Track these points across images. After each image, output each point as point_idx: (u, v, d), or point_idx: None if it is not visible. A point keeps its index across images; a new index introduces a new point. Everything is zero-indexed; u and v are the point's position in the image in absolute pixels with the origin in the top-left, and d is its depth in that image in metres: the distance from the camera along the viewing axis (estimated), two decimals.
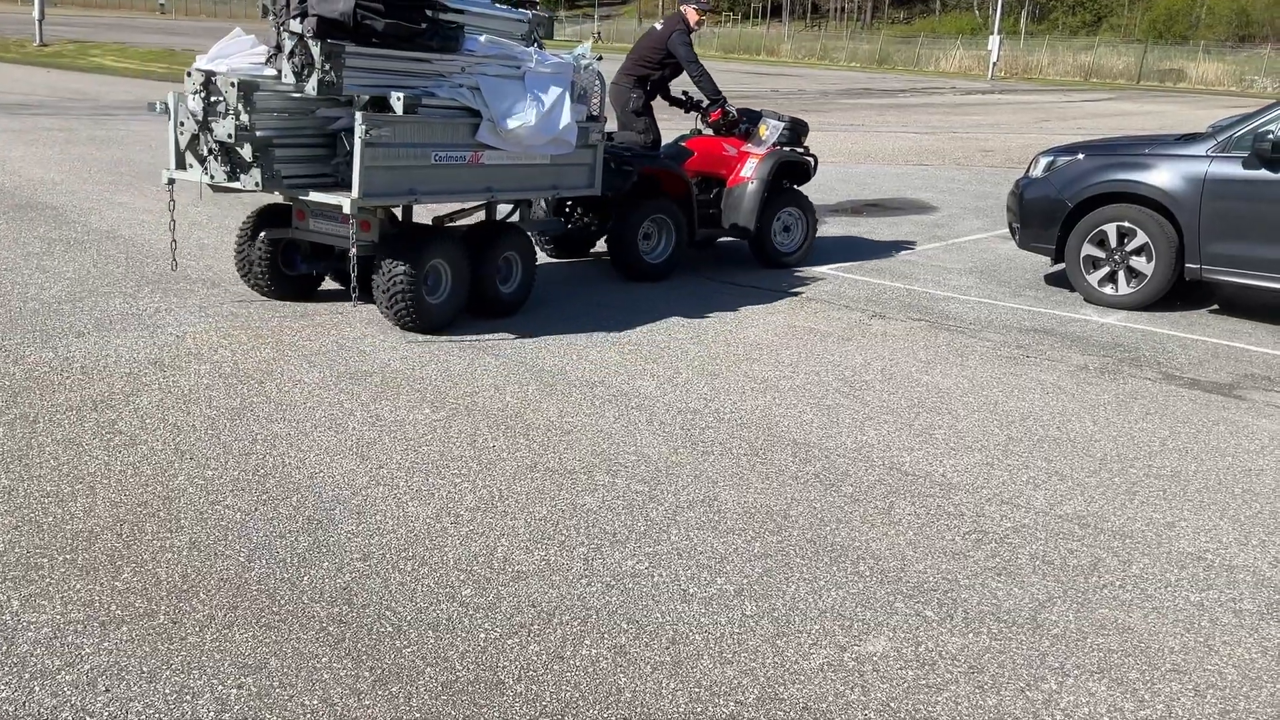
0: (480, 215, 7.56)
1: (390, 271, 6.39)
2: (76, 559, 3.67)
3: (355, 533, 3.98)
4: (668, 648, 3.34)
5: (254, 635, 3.28)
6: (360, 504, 4.22)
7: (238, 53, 6.30)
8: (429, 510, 4.20)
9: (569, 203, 8.37)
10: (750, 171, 8.75)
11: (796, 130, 9.04)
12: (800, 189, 9.21)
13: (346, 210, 6.05)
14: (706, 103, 9.03)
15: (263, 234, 6.95)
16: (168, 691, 2.98)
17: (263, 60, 6.20)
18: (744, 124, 8.97)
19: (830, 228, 11.20)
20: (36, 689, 2.97)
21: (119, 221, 9.49)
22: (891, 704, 3.10)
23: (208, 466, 4.48)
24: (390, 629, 3.36)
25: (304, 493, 4.28)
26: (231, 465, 4.50)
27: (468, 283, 6.78)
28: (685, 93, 9.30)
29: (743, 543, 4.06)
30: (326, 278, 7.25)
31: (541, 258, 8.15)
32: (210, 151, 6.19)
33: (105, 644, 3.19)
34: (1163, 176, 7.87)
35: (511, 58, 6.73)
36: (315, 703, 2.97)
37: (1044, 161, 8.70)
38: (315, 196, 6.27)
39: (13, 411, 4.95)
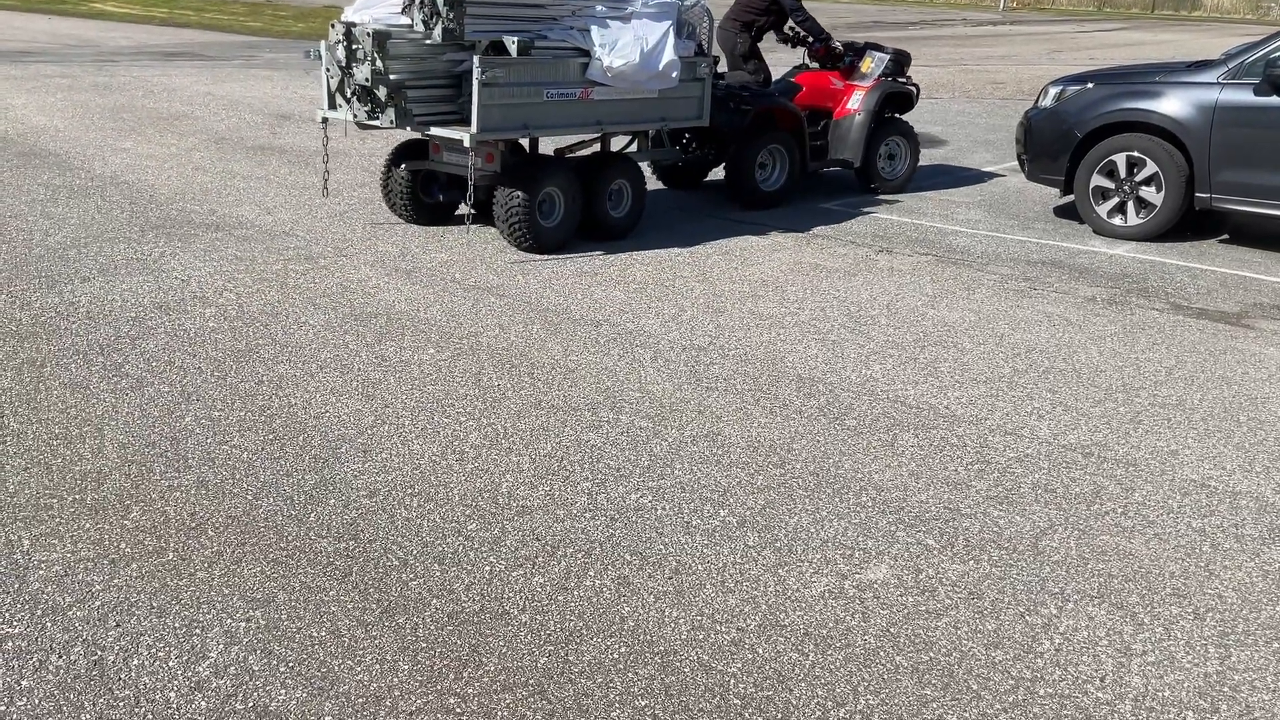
0: (598, 147, 8.08)
1: (508, 198, 7.01)
2: (86, 499, 3.71)
3: (361, 470, 4.01)
4: (670, 578, 3.37)
5: (262, 570, 3.32)
6: (366, 442, 4.25)
7: (377, 4, 6.93)
8: (434, 448, 4.23)
9: (685, 135, 8.67)
10: (857, 104, 9.10)
11: (900, 61, 9.30)
12: (903, 117, 9.56)
13: (466, 144, 6.65)
14: (813, 39, 9.30)
15: (403, 166, 7.67)
16: (177, 626, 3.03)
17: (399, 10, 6.77)
18: (849, 57, 9.26)
19: None
20: (48, 625, 3.02)
21: (122, 167, 9.46)
22: (891, 629, 3.13)
23: (214, 407, 4.51)
24: (396, 563, 3.40)
25: (310, 432, 4.31)
26: (238, 406, 4.53)
27: (580, 208, 7.30)
28: (792, 27, 9.55)
29: (746, 476, 4.08)
30: (462, 205, 7.69)
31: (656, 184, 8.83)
32: (353, 93, 6.83)
33: (115, 581, 3.24)
34: (1173, 105, 7.76)
35: (618, 0, 7.26)
36: (323, 634, 3.02)
37: (1053, 91, 8.58)
38: (438, 131, 6.86)
39: (20, 356, 4.98)
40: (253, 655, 2.91)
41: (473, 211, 7.29)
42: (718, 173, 9.23)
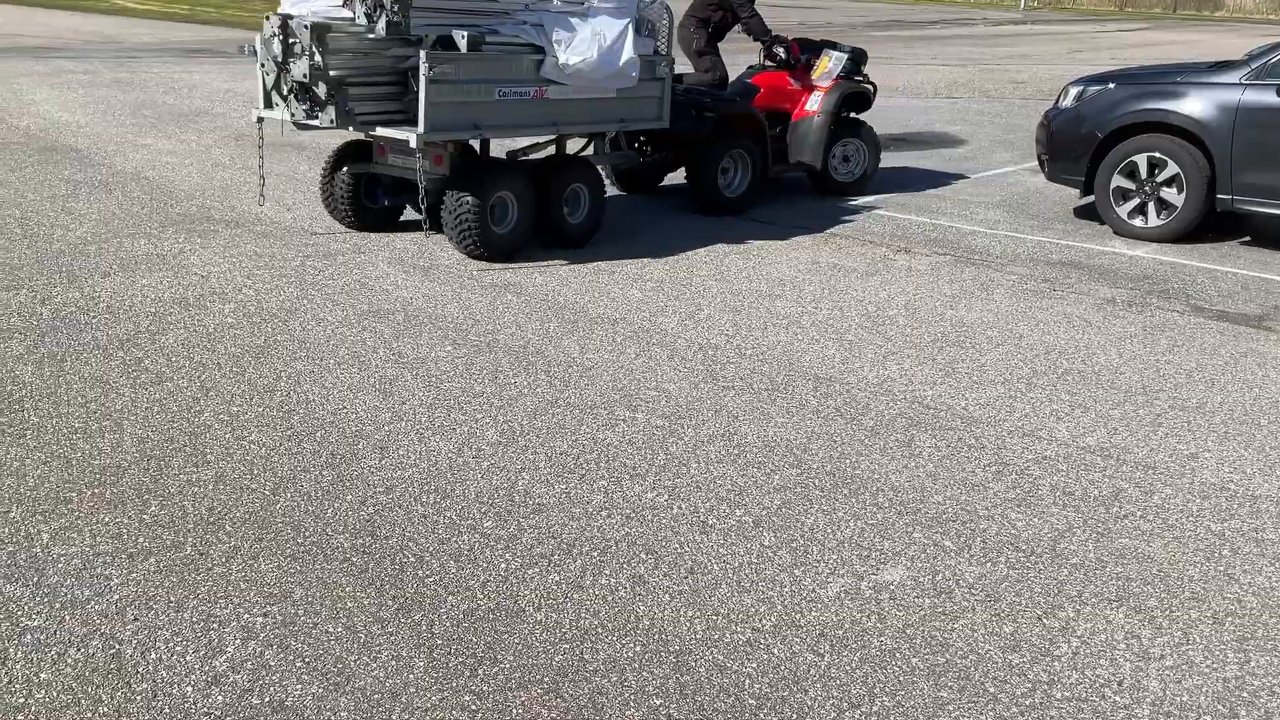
0: (553, 150, 7.75)
1: (457, 202, 6.68)
2: (105, 493, 3.74)
3: (378, 467, 4.02)
4: (686, 577, 3.37)
5: (279, 566, 3.33)
6: (383, 439, 4.26)
7: None
8: (450, 445, 4.24)
9: (641, 138, 8.50)
10: (815, 105, 8.90)
11: (857, 60, 9.10)
12: (861, 117, 9.32)
13: (413, 144, 6.31)
14: (756, 39, 9.11)
15: (345, 169, 7.30)
16: (194, 620, 3.05)
17: (340, 3, 6.43)
18: (804, 56, 9.02)
19: None
20: (67, 618, 3.04)
21: (143, 163, 9.52)
22: (907, 630, 3.12)
23: (233, 403, 4.53)
24: (413, 559, 3.41)
25: (327, 429, 4.33)
26: (256, 402, 4.55)
27: (534, 214, 7.01)
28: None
29: (762, 475, 4.07)
30: (407, 209, 7.46)
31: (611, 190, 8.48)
32: (290, 91, 6.45)
33: (133, 575, 3.26)
34: (1195, 105, 7.70)
35: None
36: (339, 630, 3.03)
37: (1074, 91, 8.53)
38: (384, 131, 6.50)
39: (41, 350, 5.01)
40: (269, 650, 2.92)
41: (427, 218, 6.84)
42: (674, 177, 9.14)
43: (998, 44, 28.95)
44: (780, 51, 8.99)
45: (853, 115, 9.24)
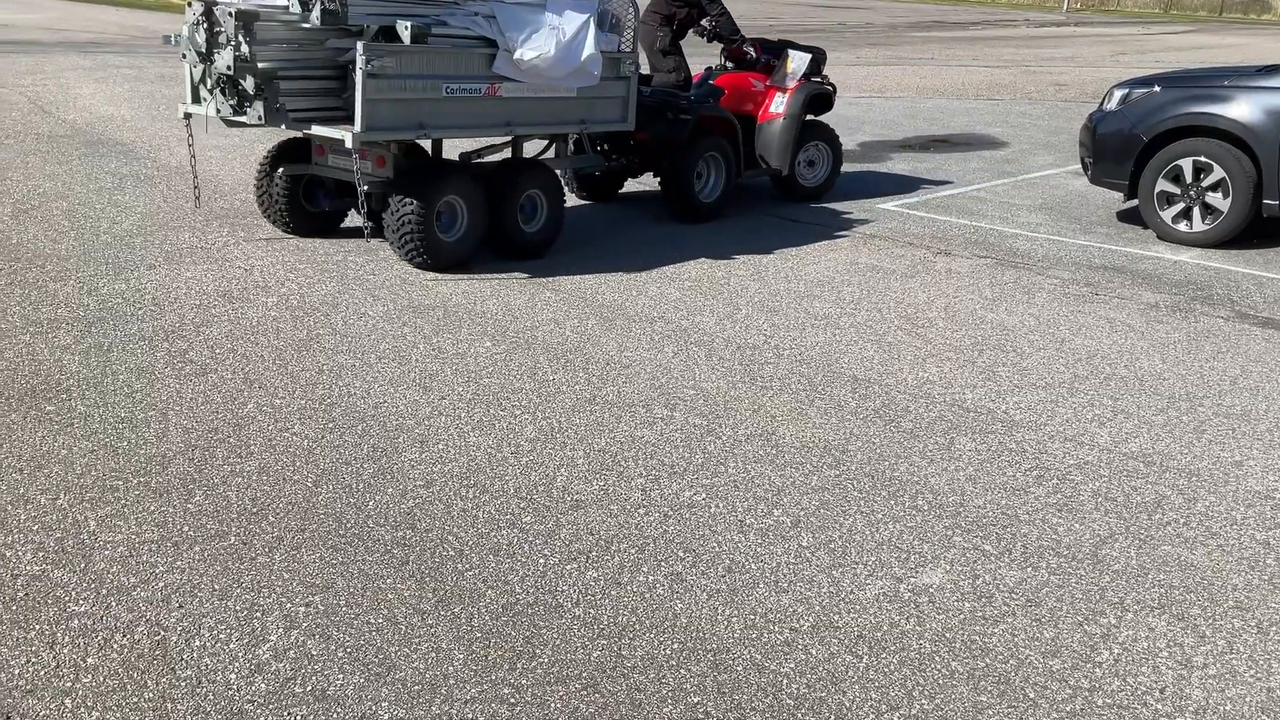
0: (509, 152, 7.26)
1: (400, 207, 6.24)
2: (150, 482, 3.79)
3: (418, 460, 4.05)
4: (724, 576, 3.37)
5: (321, 557, 3.37)
6: (423, 433, 4.29)
7: None
8: (490, 440, 4.26)
9: (602, 142, 8.07)
10: (781, 107, 8.60)
11: (818, 61, 8.80)
12: (822, 119, 9.06)
13: (349, 144, 5.83)
14: (726, 38, 8.79)
15: (281, 169, 6.85)
16: (238, 609, 3.08)
17: None
18: (765, 58, 8.74)
19: (896, 163, 11.02)
20: (113, 604, 3.09)
21: (187, 157, 9.62)
22: (947, 634, 3.11)
23: (276, 395, 4.58)
24: (452, 553, 3.43)
25: (369, 421, 4.36)
26: (299, 394, 4.60)
27: (486, 221, 6.58)
28: (710, 27, 8.94)
29: (800, 476, 4.06)
30: (351, 214, 7.09)
31: (571, 199, 8.17)
32: (218, 84, 6.01)
33: (178, 563, 3.30)
34: (1242, 109, 7.60)
35: None
36: (380, 621, 3.06)
37: (1119, 94, 8.44)
38: (318, 130, 6.04)
39: (87, 341, 5.09)
40: (311, 640, 2.96)
41: (369, 223, 6.42)
42: (636, 184, 8.91)
43: (1040, 45, 28.69)
44: (750, 51, 8.71)
45: (813, 118, 8.91)
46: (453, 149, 7.26)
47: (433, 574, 3.31)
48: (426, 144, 6.80)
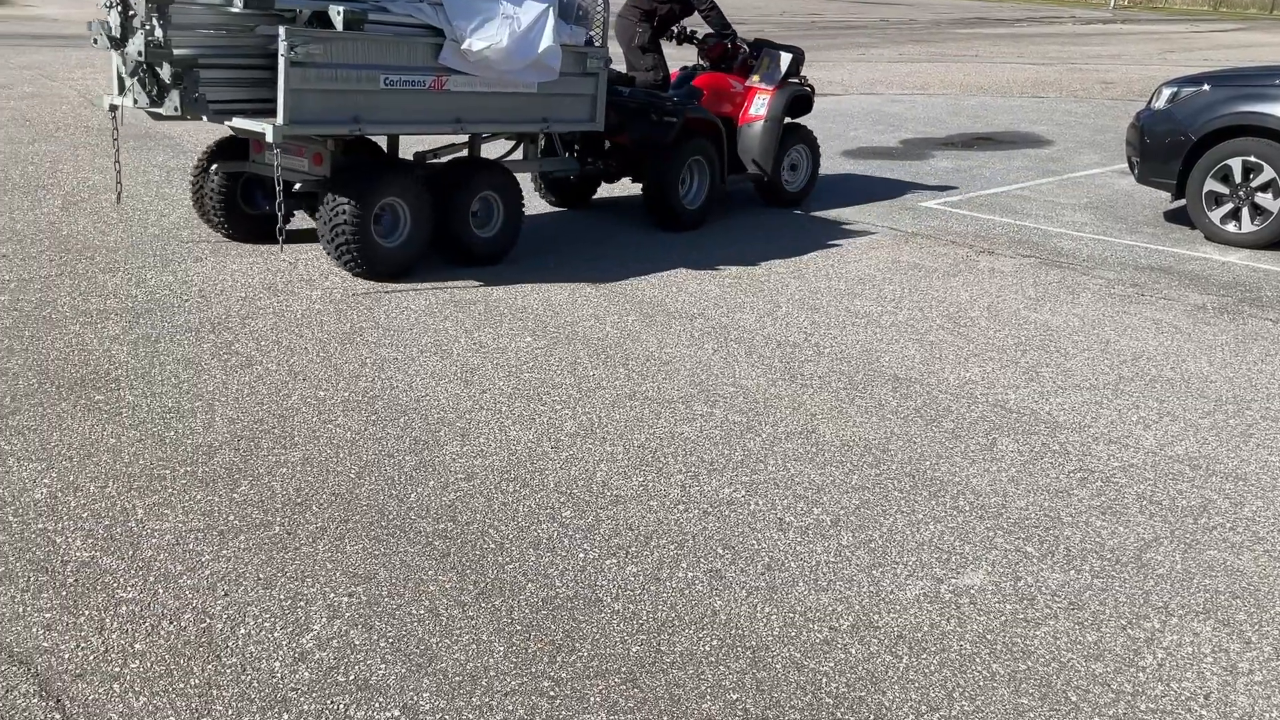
0: (499, 151, 7.04)
1: (334, 209, 5.80)
2: (197, 471, 3.85)
3: (459, 454, 4.08)
4: (763, 573, 3.37)
5: (364, 548, 3.40)
6: (464, 427, 4.32)
7: None
8: (530, 435, 4.28)
9: (576, 145, 7.66)
10: (762, 109, 8.22)
11: (798, 60, 8.41)
12: (800, 121, 8.69)
13: (269, 138, 5.41)
14: (701, 35, 8.44)
15: (214, 167, 6.40)
16: (282, 598, 3.12)
17: None
18: (742, 56, 8.37)
19: (938, 161, 10.94)
20: (160, 591, 3.14)
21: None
22: (988, 635, 3.09)
23: (319, 387, 4.63)
24: (493, 546, 3.45)
25: (410, 414, 4.40)
26: (342, 386, 4.64)
27: (432, 225, 6.16)
28: (682, 26, 8.57)
29: (840, 474, 4.05)
30: (296, 216, 6.73)
31: (537, 205, 7.85)
32: (136, 73, 5.58)
33: (224, 551, 3.35)
34: None
35: None
36: (421, 612, 3.08)
37: (1167, 93, 8.33)
38: (238, 123, 5.64)
39: (135, 332, 5.17)
40: (354, 630, 2.99)
41: (282, 228, 5.93)
42: (611, 189, 8.57)
43: (1086, 43, 28.34)
44: (744, 45, 8.33)
45: (792, 120, 8.53)
46: (409, 148, 6.99)
47: (474, 566, 3.33)
48: (382, 140, 6.49)
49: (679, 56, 9.05)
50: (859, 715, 2.75)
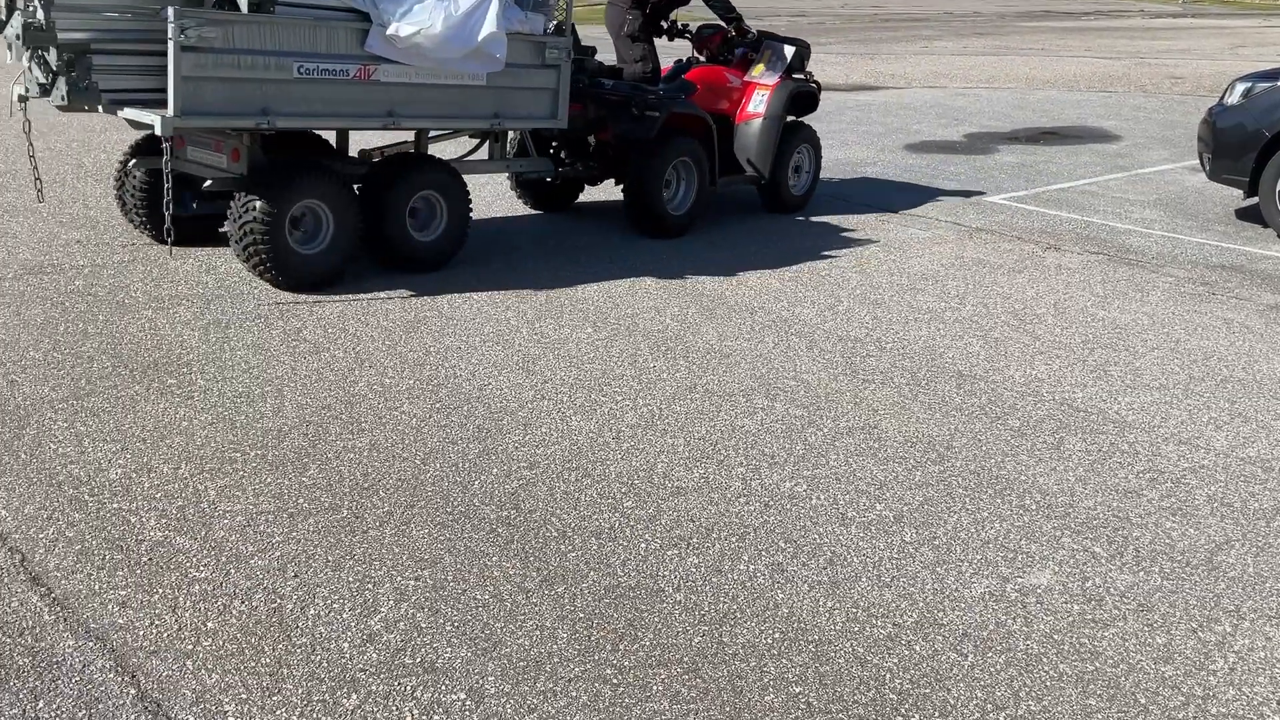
0: (467, 149, 6.67)
1: (243, 209, 5.35)
2: (267, 455, 3.92)
3: (522, 443, 4.11)
4: (825, 568, 3.36)
5: (429, 533, 3.44)
6: (526, 416, 4.35)
7: None
8: (591, 425, 4.30)
9: (554, 142, 7.25)
10: (760, 106, 7.66)
11: (802, 55, 7.87)
12: (804, 120, 8.16)
13: (158, 130, 4.97)
14: (696, 29, 7.95)
15: (132, 163, 5.97)
16: (351, 580, 3.17)
17: None
18: (741, 51, 7.88)
19: (1004, 155, 10.80)
20: (232, 571, 3.20)
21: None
22: (1055, 636, 3.05)
23: (385, 374, 4.69)
24: (555, 534, 3.48)
25: (474, 403, 4.44)
26: (407, 374, 4.70)
27: (359, 229, 5.70)
28: (674, 20, 7.98)
29: (903, 471, 4.02)
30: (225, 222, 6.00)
31: (511, 208, 7.60)
32: (32, 58, 5.17)
33: (294, 533, 3.41)
34: None
35: None
36: (486, 597, 3.12)
37: (1241, 88, 8.14)
38: (130, 113, 5.23)
39: (206, 317, 5.27)
40: (421, 613, 3.03)
41: (169, 228, 5.39)
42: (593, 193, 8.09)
43: (1155, 37, 27.78)
44: (752, 31, 7.79)
45: (797, 119, 8.03)
46: (359, 143, 6.63)
47: (537, 554, 3.36)
48: (330, 135, 6.10)
49: (677, 53, 8.55)
50: (923, 712, 2.73)
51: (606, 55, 7.45)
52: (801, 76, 7.86)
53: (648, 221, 7.13)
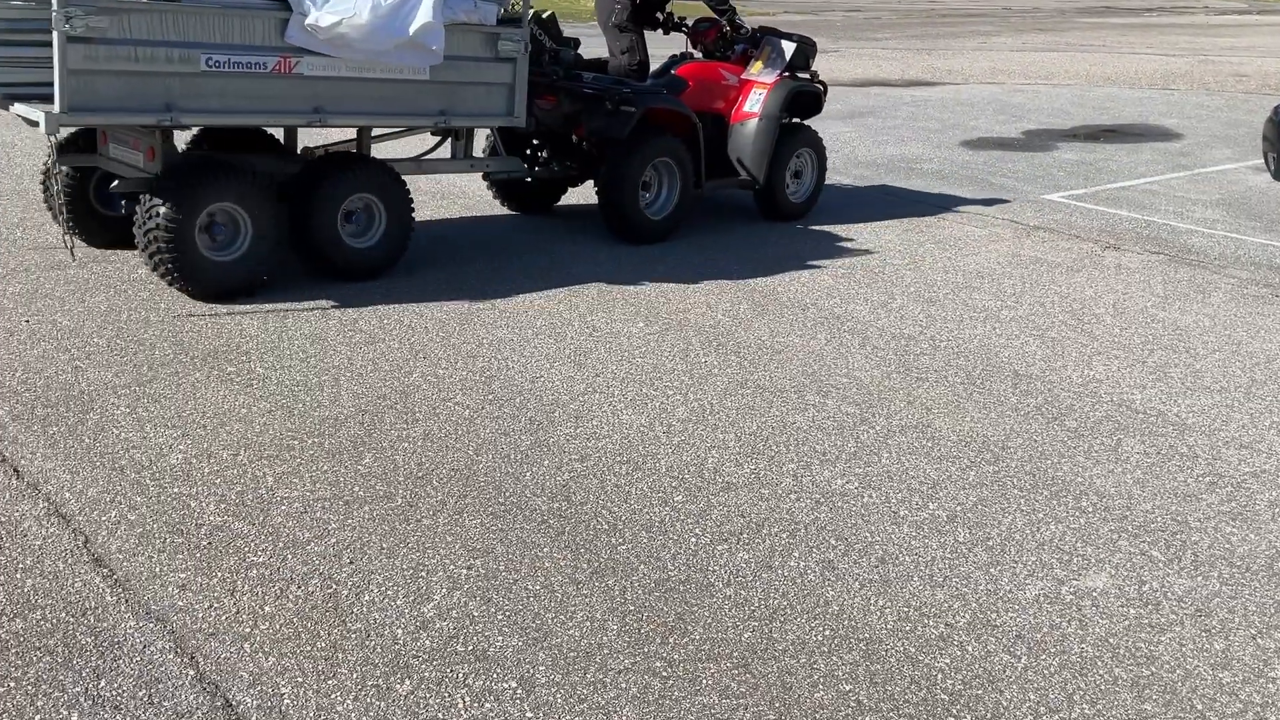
0: (433, 147, 6.28)
1: (148, 213, 5.00)
2: (324, 443, 3.97)
3: (573, 435, 4.13)
4: (876, 566, 3.34)
5: (481, 523, 3.48)
6: (578, 409, 4.37)
7: None
8: (642, 419, 4.31)
9: (534, 140, 6.95)
10: (756, 106, 7.15)
11: (806, 53, 7.36)
12: (808, 123, 7.64)
13: (43, 128, 4.68)
14: (693, 22, 7.47)
15: (51, 160, 5.32)
16: (405, 567, 3.21)
17: None
18: (741, 46, 7.40)
19: (1063, 153, 10.65)
20: (289, 557, 3.25)
21: None
22: (1110, 639, 3.01)
23: (439, 365, 4.73)
24: (606, 526, 3.49)
25: (525, 395, 4.47)
26: (460, 366, 4.74)
27: (280, 235, 5.35)
28: (668, 12, 7.45)
29: (957, 470, 3.99)
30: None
31: (482, 208, 7.32)
32: None
33: (349, 521, 3.46)
34: None
35: None
36: (537, 588, 3.14)
37: None
38: (19, 109, 5.00)
39: (266, 306, 5.35)
40: (473, 601, 3.06)
41: (66, 235, 5.21)
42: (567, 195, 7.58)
43: (1219, 34, 27.22)
44: (745, 25, 7.36)
45: (798, 121, 7.53)
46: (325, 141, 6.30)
47: (587, 546, 3.38)
48: (276, 132, 5.77)
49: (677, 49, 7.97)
50: (975, 714, 2.71)
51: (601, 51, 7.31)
52: (806, 76, 7.41)
53: (622, 225, 6.69)
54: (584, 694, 2.72)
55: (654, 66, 7.31)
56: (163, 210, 4.97)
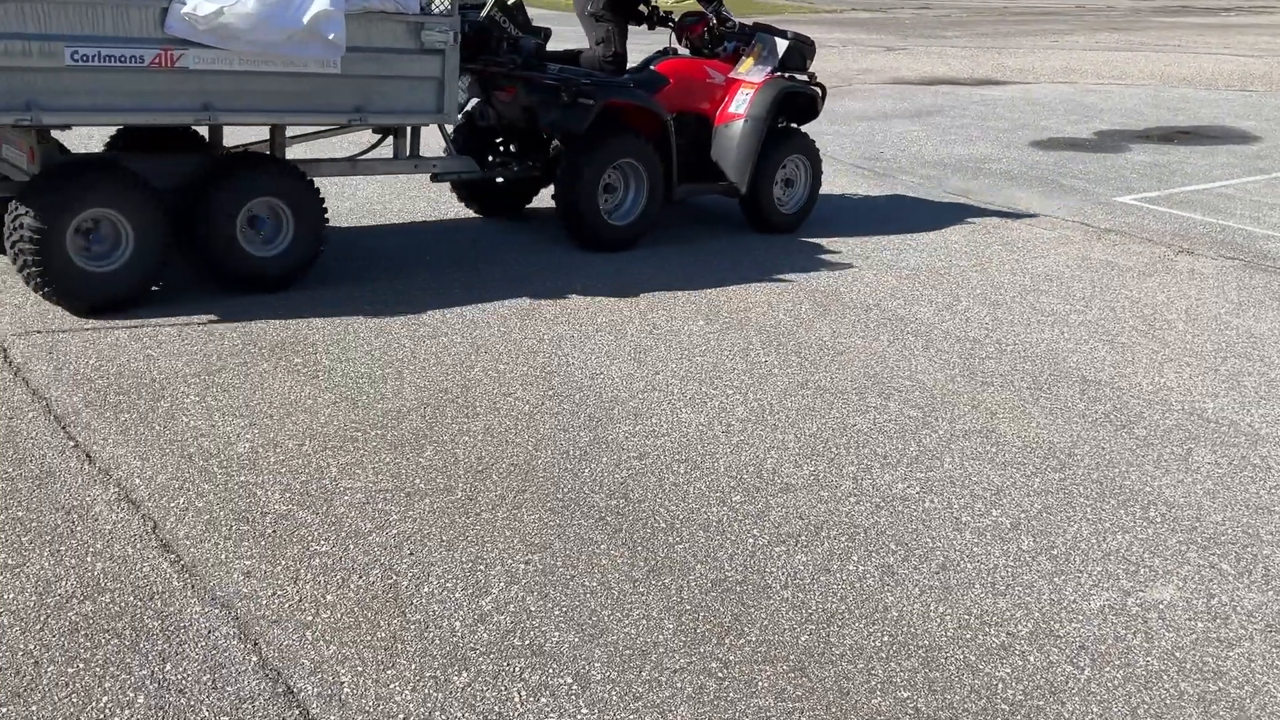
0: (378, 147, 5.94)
1: (15, 220, 4.67)
2: (387, 435, 4.02)
3: (632, 433, 4.14)
4: (937, 573, 3.30)
5: (540, 518, 3.49)
6: (637, 406, 4.37)
7: None
8: (701, 418, 4.30)
9: (499, 139, 6.65)
10: (742, 106, 6.64)
11: (802, 52, 6.89)
12: (803, 129, 7.13)
13: None
14: (679, 15, 6.99)
15: None
16: (464, 560, 3.24)
17: None
18: (731, 44, 6.88)
19: (1135, 154, 10.43)
20: (351, 547, 3.30)
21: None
22: (1177, 653, 2.95)
23: (500, 360, 4.76)
24: (663, 525, 3.49)
25: (585, 391, 4.48)
26: (521, 361, 4.77)
27: (168, 243, 5.00)
28: (653, 5, 6.97)
29: (1021, 477, 3.93)
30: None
31: (449, 210, 7.07)
32: None
33: (410, 512, 3.49)
34: None
35: None
36: (594, 584, 3.15)
37: None
38: None
39: (329, 298, 5.42)
40: (530, 596, 3.08)
41: None
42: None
43: None
44: (731, 19, 6.81)
45: (792, 125, 7.08)
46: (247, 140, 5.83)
47: (644, 544, 3.38)
48: (203, 129, 5.35)
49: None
50: None
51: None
52: (803, 78, 6.93)
53: (578, 230, 6.25)
54: (639, 691, 2.72)
55: (637, 62, 6.95)
56: (27, 220, 4.63)
